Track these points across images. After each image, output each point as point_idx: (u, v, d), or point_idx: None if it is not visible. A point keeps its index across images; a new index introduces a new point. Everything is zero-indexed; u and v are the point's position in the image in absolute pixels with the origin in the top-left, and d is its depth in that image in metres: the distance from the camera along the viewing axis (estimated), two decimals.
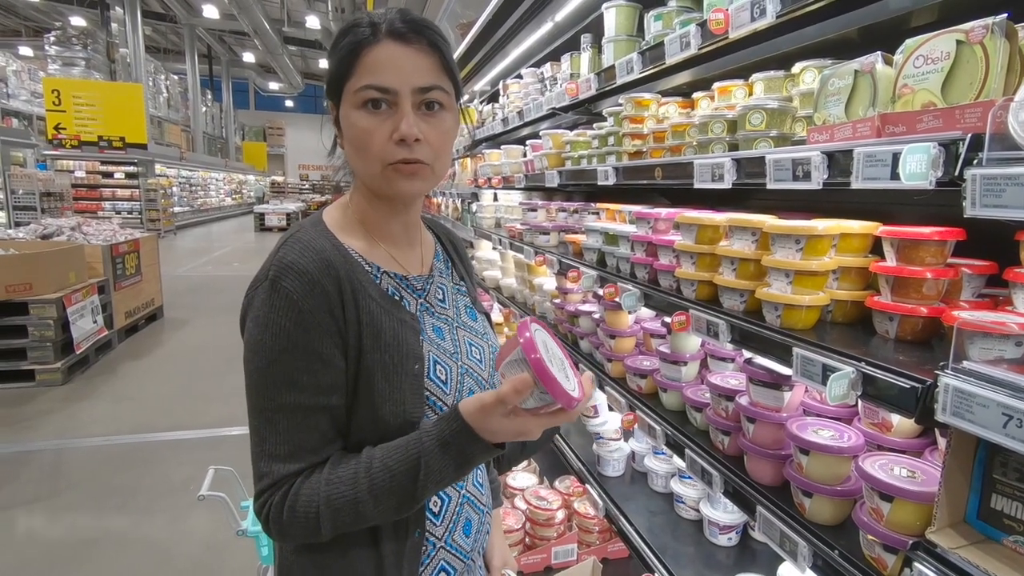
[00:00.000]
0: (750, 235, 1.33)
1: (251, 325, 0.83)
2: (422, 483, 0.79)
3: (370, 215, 0.95)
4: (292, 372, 0.81)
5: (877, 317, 1.13)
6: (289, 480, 0.82)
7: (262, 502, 0.82)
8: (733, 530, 1.77)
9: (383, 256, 0.94)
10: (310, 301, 0.81)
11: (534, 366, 0.71)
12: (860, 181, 0.94)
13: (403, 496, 0.80)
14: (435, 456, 0.78)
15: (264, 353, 0.81)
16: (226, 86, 28.73)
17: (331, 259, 0.85)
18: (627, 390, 1.97)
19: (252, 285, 0.85)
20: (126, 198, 15.36)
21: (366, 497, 0.79)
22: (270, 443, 0.82)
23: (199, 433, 4.04)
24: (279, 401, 0.82)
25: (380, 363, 0.85)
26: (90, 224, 6.63)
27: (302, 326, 0.81)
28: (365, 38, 0.84)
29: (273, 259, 0.84)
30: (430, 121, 0.87)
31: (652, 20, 1.86)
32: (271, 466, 0.82)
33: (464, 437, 0.77)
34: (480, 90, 5.09)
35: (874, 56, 1.07)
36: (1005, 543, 0.86)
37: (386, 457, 0.81)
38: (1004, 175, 0.73)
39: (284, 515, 0.80)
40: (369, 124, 0.84)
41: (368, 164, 0.86)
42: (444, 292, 1.02)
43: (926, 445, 1.18)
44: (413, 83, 0.84)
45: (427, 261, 1.03)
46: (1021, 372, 0.76)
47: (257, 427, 0.83)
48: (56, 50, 14.90)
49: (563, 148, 2.51)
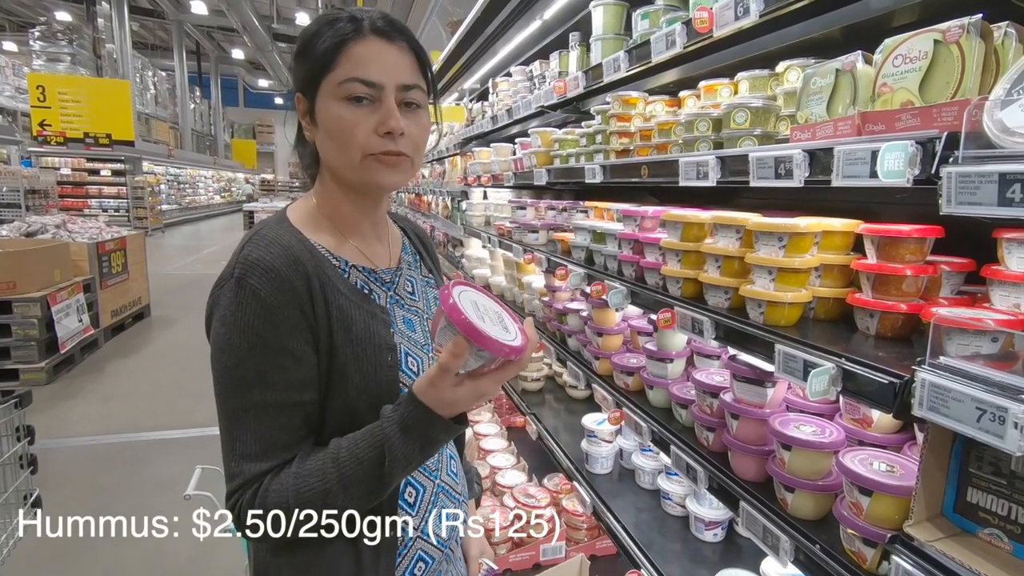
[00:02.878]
0: (734, 233, 1.34)
1: (217, 324, 0.82)
2: (388, 469, 0.79)
3: (338, 210, 0.95)
4: (262, 369, 0.81)
5: (858, 314, 1.14)
6: (260, 479, 0.81)
7: (233, 502, 0.81)
8: (719, 526, 1.79)
9: (351, 251, 0.95)
10: (278, 297, 0.81)
11: (462, 327, 0.71)
12: (840, 179, 0.95)
13: (372, 484, 0.80)
14: (398, 441, 0.78)
15: (232, 352, 0.81)
16: (215, 83, 28.47)
17: (298, 255, 0.85)
18: (614, 387, 1.98)
19: (217, 284, 0.84)
20: (113, 196, 15.20)
21: (335, 488, 0.79)
22: (241, 442, 0.81)
23: (187, 432, 4.01)
24: (249, 400, 0.81)
25: (353, 356, 0.86)
26: (75, 222, 6.54)
27: (271, 323, 0.81)
28: (348, 33, 0.85)
29: (238, 257, 0.84)
30: (410, 117, 0.89)
31: (639, 18, 1.86)
32: (242, 465, 0.81)
33: (423, 418, 0.78)
34: (470, 88, 5.08)
35: (854, 55, 1.08)
36: (980, 535, 0.87)
37: (352, 446, 0.81)
38: (978, 173, 0.74)
39: (255, 517, 0.80)
40: (353, 117, 0.85)
41: (348, 155, 0.87)
42: (413, 284, 1.03)
43: (905, 440, 1.19)
44: (397, 80, 0.87)
45: (395, 254, 1.04)
46: (997, 367, 0.77)
47: (227, 427, 0.83)
48: (41, 45, 14.71)
49: (552, 146, 2.52)
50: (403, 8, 8.04)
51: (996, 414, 0.70)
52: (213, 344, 0.83)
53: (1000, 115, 0.76)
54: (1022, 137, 0.73)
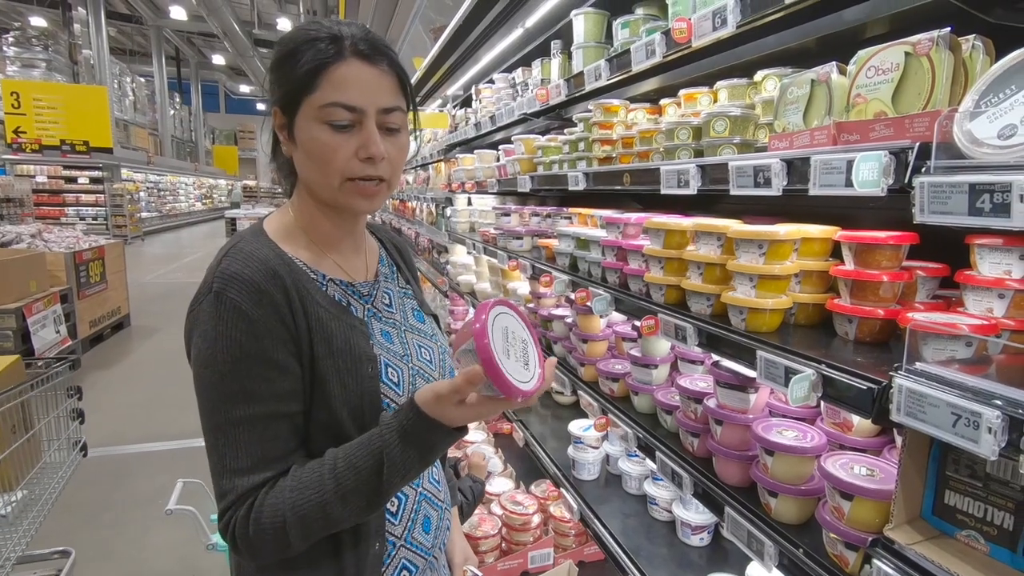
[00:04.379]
0: (715, 240, 1.35)
1: (199, 341, 0.81)
2: (387, 478, 0.78)
3: (315, 224, 0.95)
4: (247, 383, 0.80)
5: (837, 319, 1.16)
6: (253, 493, 0.80)
7: (227, 520, 0.80)
8: (705, 530, 1.80)
9: (328, 264, 0.95)
10: (259, 310, 0.80)
11: (482, 356, 0.72)
12: (817, 188, 0.97)
13: (370, 493, 0.79)
14: (397, 449, 0.78)
15: (216, 367, 0.80)
16: (195, 89, 28.14)
17: (276, 268, 0.84)
18: (600, 394, 1.99)
19: (195, 300, 0.83)
20: (91, 203, 14.93)
21: (333, 499, 0.78)
22: (231, 458, 0.80)
23: (169, 444, 3.94)
24: (236, 414, 0.80)
25: (334, 368, 0.85)
26: (52, 231, 6.41)
27: (253, 335, 0.80)
28: (330, 56, 0.84)
29: (215, 271, 0.83)
30: (390, 139, 0.89)
31: (619, 27, 1.88)
32: (233, 481, 0.80)
33: (423, 425, 0.78)
34: (453, 94, 5.09)
35: (829, 66, 1.10)
36: (958, 537, 0.89)
37: (349, 456, 0.80)
38: (949, 183, 0.75)
39: (250, 530, 0.79)
40: (333, 141, 0.85)
41: (328, 178, 0.87)
42: (391, 297, 1.03)
43: (885, 443, 1.21)
44: (378, 103, 0.86)
45: (372, 267, 1.04)
46: (971, 372, 0.79)
47: (215, 444, 0.81)
48: (15, 51, 14.40)
49: (535, 153, 2.53)
50: (385, 14, 8.02)
51: (971, 419, 0.71)
52: (195, 361, 0.82)
53: (969, 126, 0.78)
54: (991, 148, 0.75)
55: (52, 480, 2.03)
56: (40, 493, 1.96)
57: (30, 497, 1.92)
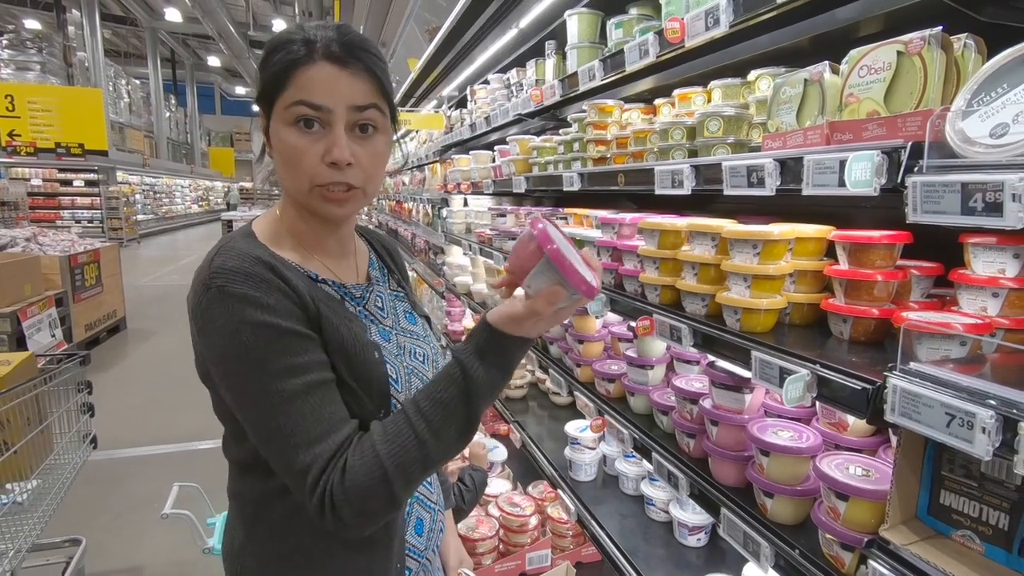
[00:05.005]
0: (710, 240, 1.35)
1: (217, 340, 0.78)
2: (475, 400, 0.78)
3: (301, 227, 0.93)
4: (288, 357, 0.78)
5: (832, 319, 1.15)
6: (340, 455, 0.77)
7: (319, 493, 0.76)
8: (702, 531, 1.79)
9: (318, 266, 0.93)
10: (270, 295, 0.79)
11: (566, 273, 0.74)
12: (811, 188, 0.96)
13: (461, 422, 0.79)
14: (479, 369, 0.78)
15: (249, 355, 0.77)
16: (191, 90, 28.07)
17: (271, 263, 0.82)
18: (596, 394, 1.98)
19: (197, 302, 0.80)
20: (86, 206, 14.89)
21: (428, 437, 0.77)
22: (301, 432, 0.77)
23: (165, 448, 3.93)
24: (289, 390, 0.77)
25: (343, 353, 0.84)
26: (47, 234, 6.39)
27: (274, 314, 0.78)
28: (300, 57, 0.82)
29: (209, 269, 0.80)
30: (363, 143, 0.86)
31: (613, 27, 1.88)
32: (311, 452, 0.76)
33: (500, 342, 0.79)
34: (448, 95, 5.08)
35: (822, 66, 1.10)
36: (954, 537, 0.88)
37: (431, 394, 0.79)
38: (942, 182, 0.75)
39: (351, 492, 0.75)
40: (300, 143, 0.83)
41: (297, 182, 0.85)
42: (383, 300, 1.02)
43: (880, 443, 1.21)
44: (348, 101, 0.83)
45: (362, 270, 1.03)
46: (965, 372, 0.79)
47: (278, 428, 0.77)
48: (10, 54, 14.35)
49: (530, 154, 2.52)
50: (379, 15, 8.01)
51: (965, 419, 0.71)
52: (222, 360, 0.79)
53: (961, 125, 0.78)
54: (983, 147, 0.75)
55: (64, 470, 2.14)
56: (53, 483, 2.05)
57: (43, 486, 2.01)
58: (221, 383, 0.82)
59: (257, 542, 0.91)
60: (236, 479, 0.94)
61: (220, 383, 0.82)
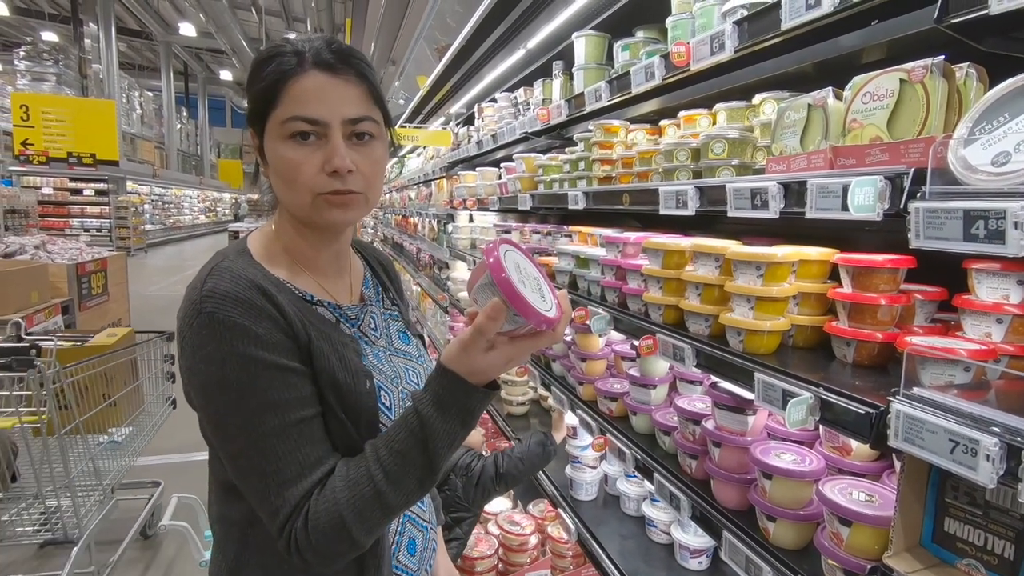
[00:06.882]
0: (714, 261, 1.35)
1: (202, 365, 0.77)
2: (433, 452, 0.76)
3: (297, 244, 0.92)
4: (271, 393, 0.77)
5: (835, 342, 1.15)
6: (306, 501, 0.77)
7: (285, 536, 0.76)
8: (704, 553, 1.77)
9: (312, 286, 0.92)
10: (259, 324, 0.78)
11: (502, 287, 0.69)
12: (814, 211, 0.97)
13: (421, 471, 0.77)
14: (437, 421, 0.75)
15: (231, 387, 0.76)
16: (202, 103, 28.46)
17: (264, 286, 0.81)
18: (598, 413, 1.97)
19: (185, 325, 0.79)
20: (95, 215, 15.03)
21: (385, 487, 0.76)
22: (274, 471, 0.77)
23: (165, 459, 3.91)
24: (268, 427, 0.77)
25: (332, 384, 0.83)
26: (55, 242, 6.45)
27: (261, 346, 0.77)
28: (290, 68, 0.82)
29: (201, 291, 0.78)
30: (361, 151, 0.85)
31: (620, 50, 1.91)
32: (283, 495, 0.76)
33: (458, 389, 0.75)
34: (456, 112, 5.14)
35: (825, 91, 1.11)
36: (959, 566, 0.87)
37: (390, 441, 0.78)
38: (944, 209, 0.76)
39: (312, 539, 0.75)
40: (298, 156, 0.82)
41: (298, 195, 0.84)
42: (376, 321, 1.01)
43: (884, 468, 1.20)
44: (343, 114, 0.83)
45: (356, 289, 1.01)
46: (969, 398, 0.79)
47: (253, 464, 0.77)
48: (26, 65, 14.63)
49: (536, 171, 2.54)
50: (390, 32, 8.13)
51: (968, 446, 0.71)
52: (203, 388, 0.79)
53: (964, 152, 0.79)
54: (985, 175, 0.75)
55: (151, 420, 2.80)
56: (141, 429, 2.70)
57: (134, 432, 2.65)
58: (201, 410, 0.82)
59: (246, 567, 0.88)
60: (222, 502, 0.91)
61: (200, 410, 0.82)
